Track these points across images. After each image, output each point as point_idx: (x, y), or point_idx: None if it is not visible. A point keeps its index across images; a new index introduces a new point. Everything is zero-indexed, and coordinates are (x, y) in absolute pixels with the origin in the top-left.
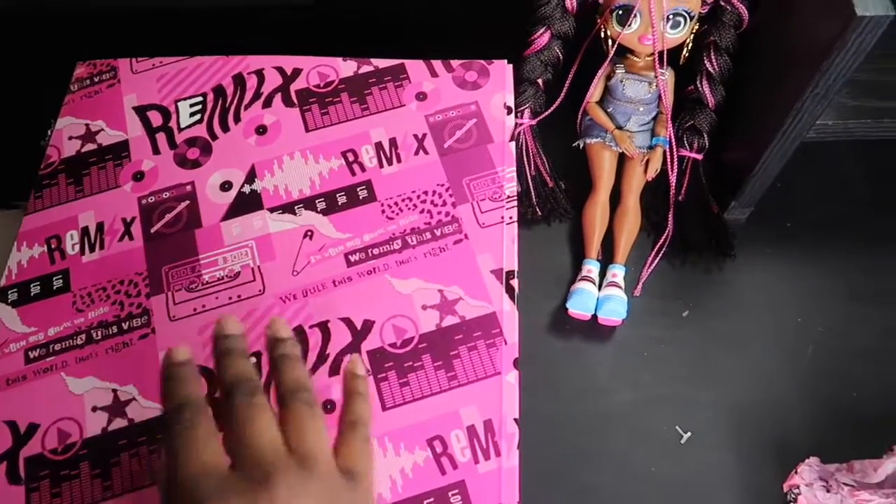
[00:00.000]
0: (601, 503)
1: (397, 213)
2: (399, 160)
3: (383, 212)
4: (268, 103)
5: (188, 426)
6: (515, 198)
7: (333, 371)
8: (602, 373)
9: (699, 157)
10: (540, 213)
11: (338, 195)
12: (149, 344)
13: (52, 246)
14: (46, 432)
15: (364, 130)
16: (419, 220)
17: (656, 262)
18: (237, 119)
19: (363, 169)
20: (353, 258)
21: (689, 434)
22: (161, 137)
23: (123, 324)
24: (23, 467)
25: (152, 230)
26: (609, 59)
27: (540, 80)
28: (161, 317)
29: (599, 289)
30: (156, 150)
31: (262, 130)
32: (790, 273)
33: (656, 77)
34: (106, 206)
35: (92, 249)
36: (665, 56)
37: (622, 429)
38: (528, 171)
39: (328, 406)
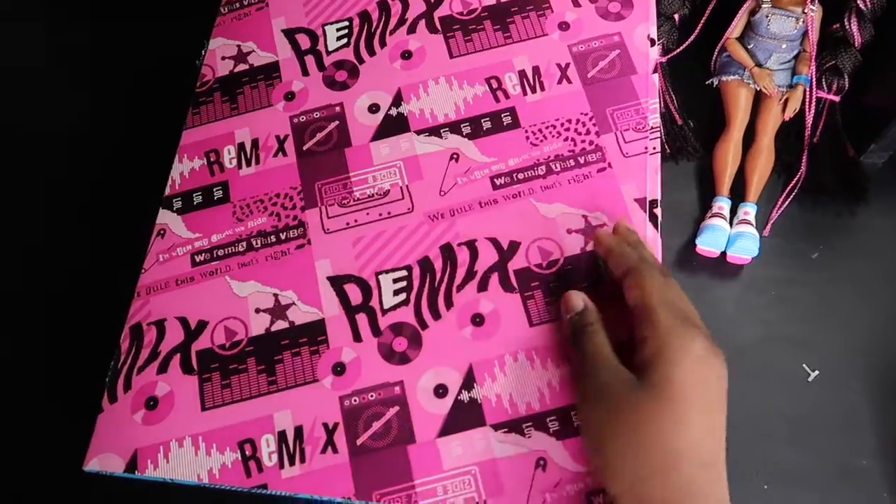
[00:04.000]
0: (728, 434)
1: (541, 140)
2: (542, 88)
3: (527, 138)
4: (412, 29)
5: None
6: (659, 129)
7: (481, 287)
8: (728, 309)
9: (837, 98)
10: (668, 150)
11: (482, 120)
12: (305, 254)
13: (212, 159)
14: (215, 329)
15: (507, 58)
16: (563, 148)
17: (787, 203)
18: (383, 44)
19: (507, 96)
20: (498, 182)
21: (816, 372)
22: (310, 60)
23: (281, 234)
24: (195, 359)
25: (304, 148)
26: None
27: (676, 15)
28: (316, 229)
29: (730, 226)
30: (305, 72)
31: (407, 55)
32: None
33: (805, 12)
34: (260, 124)
35: (248, 164)
36: None
37: (748, 364)
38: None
39: (477, 319)
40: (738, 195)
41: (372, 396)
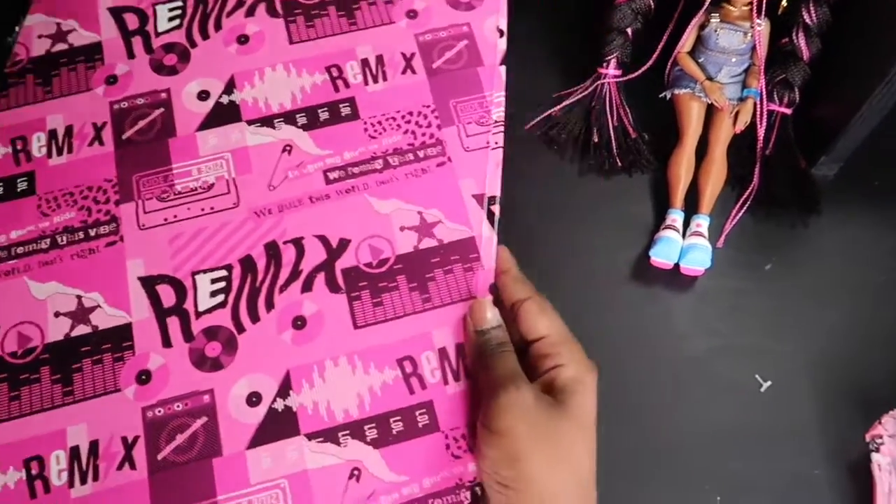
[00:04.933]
0: (678, 448)
1: (380, 133)
2: (385, 78)
3: (366, 130)
4: (251, 12)
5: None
6: (503, 123)
7: (306, 288)
8: (682, 321)
9: (788, 111)
10: (620, 163)
11: (320, 111)
12: (116, 252)
13: (18, 147)
14: (6, 335)
15: (350, 46)
16: (402, 141)
17: (740, 215)
18: (218, 27)
19: (347, 85)
20: (332, 175)
21: (769, 383)
22: (137, 41)
23: (90, 230)
24: None
25: (124, 136)
26: (704, 7)
27: (629, 30)
28: (130, 225)
29: (682, 238)
30: (131, 55)
31: (243, 40)
32: (876, 231)
33: (752, 27)
34: (76, 109)
35: (60, 153)
36: (764, 5)
37: (700, 375)
38: (610, 121)
39: (298, 322)
40: (691, 207)
41: (178, 407)
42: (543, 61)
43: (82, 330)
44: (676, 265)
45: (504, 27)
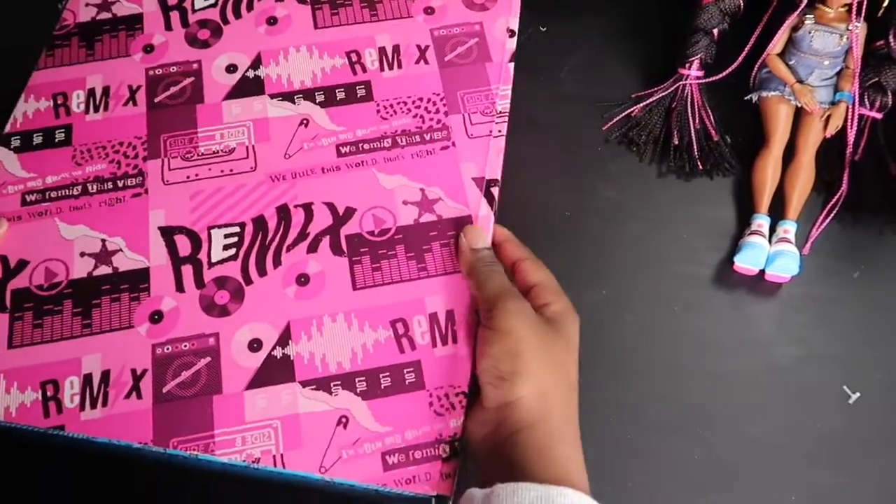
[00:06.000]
0: (764, 456)
1: (391, 115)
2: (400, 66)
3: (378, 112)
4: None
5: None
6: (506, 114)
7: (311, 249)
8: (767, 328)
9: (880, 116)
10: (701, 166)
11: (337, 90)
12: (141, 203)
13: (59, 102)
14: (35, 269)
15: (370, 35)
16: (411, 124)
17: (827, 221)
18: (250, 8)
19: (364, 70)
20: (343, 149)
21: (857, 394)
22: (175, 15)
23: (119, 181)
24: (9, 298)
25: (156, 100)
26: (799, 9)
27: (715, 31)
28: (155, 179)
29: (769, 244)
30: (168, 27)
31: (272, 21)
32: None
33: (849, 29)
34: (114, 72)
35: (96, 110)
36: (864, 7)
37: (786, 384)
38: (692, 123)
39: (302, 279)
40: (777, 213)
41: (185, 346)
42: (623, 61)
43: (104, 270)
44: (762, 271)
45: (515, 27)
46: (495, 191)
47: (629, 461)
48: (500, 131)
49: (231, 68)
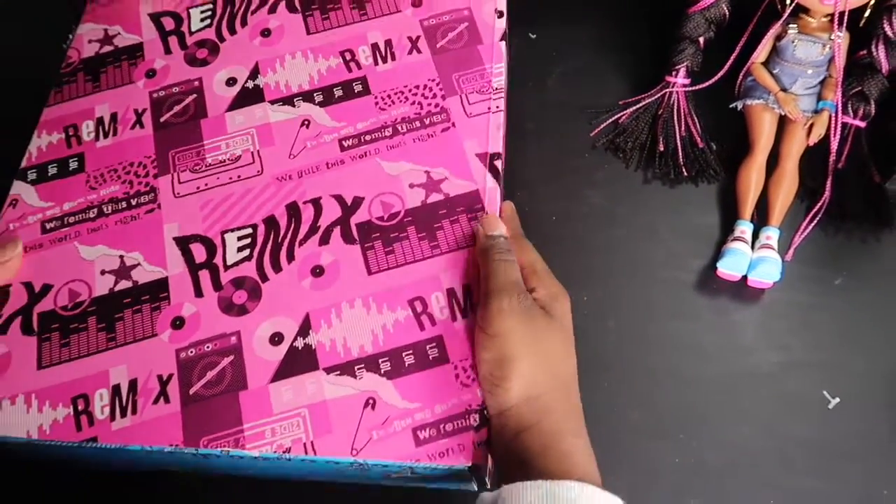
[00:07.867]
0: (744, 460)
1: (390, 105)
2: (393, 58)
3: (376, 104)
4: (273, 9)
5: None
6: (503, 90)
7: (323, 241)
8: (748, 334)
9: (863, 124)
10: (686, 173)
11: (334, 89)
12: (155, 217)
13: (70, 133)
14: (59, 292)
15: (362, 33)
16: (410, 111)
17: (810, 228)
18: (244, 23)
19: (359, 66)
20: (346, 143)
21: (837, 400)
22: (173, 40)
23: (132, 200)
24: (36, 321)
25: (161, 119)
26: (783, 18)
27: (701, 39)
28: (167, 194)
29: (752, 250)
30: (167, 51)
31: (266, 33)
32: None
33: (832, 38)
34: (120, 99)
35: (106, 136)
36: (845, 18)
37: (767, 390)
38: (678, 131)
39: (317, 271)
40: (760, 219)
41: (208, 347)
42: (610, 69)
43: (125, 285)
44: (744, 277)
45: (503, 8)
46: (499, 163)
47: (610, 465)
48: (498, 107)
49: (231, 81)
